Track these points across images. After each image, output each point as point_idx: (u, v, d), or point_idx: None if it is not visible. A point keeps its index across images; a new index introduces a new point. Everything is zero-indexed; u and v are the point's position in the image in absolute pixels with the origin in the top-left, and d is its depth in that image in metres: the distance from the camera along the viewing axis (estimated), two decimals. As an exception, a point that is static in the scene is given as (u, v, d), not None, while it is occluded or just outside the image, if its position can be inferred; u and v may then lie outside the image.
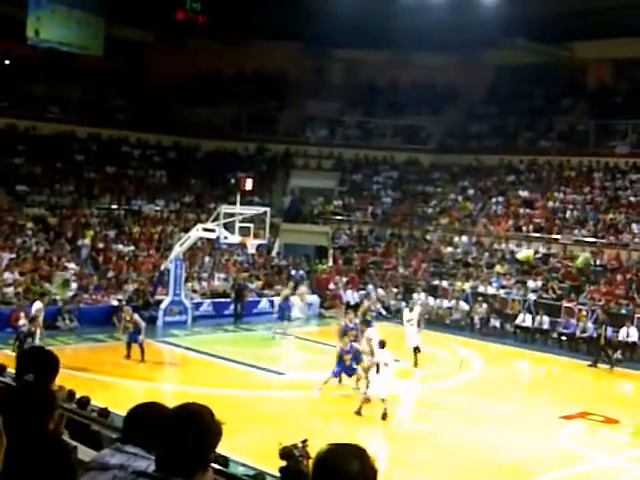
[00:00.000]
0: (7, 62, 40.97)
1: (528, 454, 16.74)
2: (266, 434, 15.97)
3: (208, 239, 32.50)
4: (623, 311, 29.62)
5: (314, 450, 2.93)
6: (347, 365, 20.71)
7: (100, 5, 39.93)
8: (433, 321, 32.24)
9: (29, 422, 3.72)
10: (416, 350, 24.67)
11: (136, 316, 24.31)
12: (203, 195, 41.42)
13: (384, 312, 33.58)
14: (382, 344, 19.43)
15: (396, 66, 44.40)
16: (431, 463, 16.28)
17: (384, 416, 18.70)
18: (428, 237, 39.12)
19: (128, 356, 23.71)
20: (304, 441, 9.69)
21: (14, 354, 19.36)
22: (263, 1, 39.64)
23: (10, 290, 28.53)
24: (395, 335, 24.76)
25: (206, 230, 29.45)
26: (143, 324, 24.20)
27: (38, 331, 22.81)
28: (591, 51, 39.92)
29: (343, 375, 21.01)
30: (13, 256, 30.91)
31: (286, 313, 29.74)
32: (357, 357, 20.86)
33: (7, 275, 29.36)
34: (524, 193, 39.21)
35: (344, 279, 36.38)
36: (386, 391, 18.87)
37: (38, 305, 24.25)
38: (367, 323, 25.12)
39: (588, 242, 34.23)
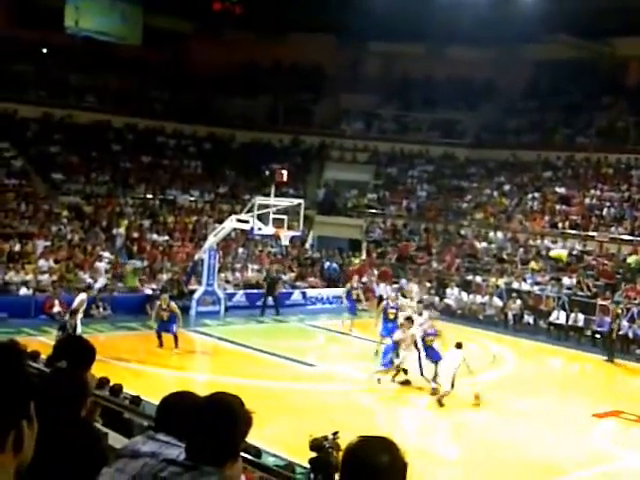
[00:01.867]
0: (44, 51, 41.30)
1: (560, 451, 16.60)
2: (296, 425, 15.98)
3: (242, 230, 32.53)
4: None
5: (345, 443, 2.90)
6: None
7: (139, -5, 40.20)
8: (466, 316, 32.14)
9: (61, 409, 3.73)
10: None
11: (173, 304, 24.36)
12: (238, 186, 41.53)
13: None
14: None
15: (432, 60, 44.22)
16: (461, 458, 16.22)
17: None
18: (462, 232, 38.94)
19: (161, 345, 23.78)
20: (335, 433, 9.70)
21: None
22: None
23: (45, 277, 28.79)
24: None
25: (240, 221, 29.48)
26: (179, 312, 24.31)
27: (76, 326, 22.48)
28: (632, 48, 39.44)
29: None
30: (48, 244, 31.18)
31: (350, 307, 29.36)
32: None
33: (42, 262, 29.62)
34: (561, 189, 38.89)
35: (376, 272, 36.31)
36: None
37: (82, 297, 23.35)
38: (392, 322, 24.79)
39: (624, 240, 33.89)
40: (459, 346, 20.10)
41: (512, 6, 35.94)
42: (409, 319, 22.40)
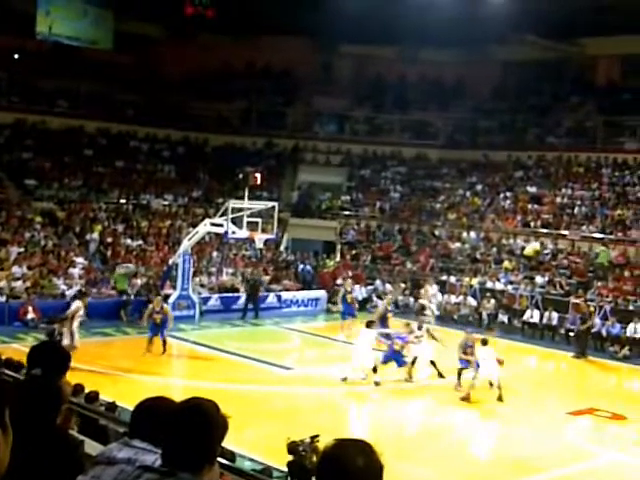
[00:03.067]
0: (16, 56, 41.05)
1: (535, 449, 16.70)
2: (273, 429, 15.98)
3: (216, 234, 32.47)
4: (631, 307, 29.59)
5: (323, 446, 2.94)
6: (396, 350, 21.17)
7: (109, 0, 40.01)
8: (441, 316, 32.24)
9: (36, 416, 3.73)
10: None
11: (166, 306, 24.20)
12: (211, 190, 41.44)
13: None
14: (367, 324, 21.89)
15: (404, 62, 44.33)
16: (438, 458, 16.27)
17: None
18: (436, 232, 39.09)
19: (149, 350, 23.59)
20: (314, 437, 9.70)
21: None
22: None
23: (18, 284, 28.57)
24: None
25: (214, 225, 29.43)
26: (172, 315, 24.17)
27: (72, 333, 21.40)
28: (600, 47, 39.78)
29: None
30: (21, 250, 30.94)
31: (349, 310, 29.09)
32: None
33: (15, 269, 29.39)
34: (532, 189, 39.15)
35: (350, 274, 36.38)
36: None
37: (78, 304, 22.37)
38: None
39: (596, 238, 34.16)
40: (485, 342, 20.68)
41: (481, 7, 36.07)
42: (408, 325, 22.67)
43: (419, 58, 43.74)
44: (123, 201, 38.02)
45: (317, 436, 9.68)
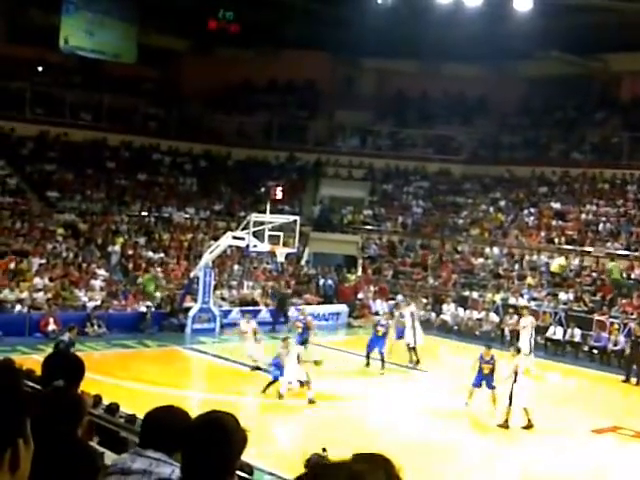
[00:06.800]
0: (40, 69, 41.40)
1: (558, 467, 16.54)
2: (293, 443, 15.91)
3: (237, 247, 32.52)
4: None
5: (335, 459, 2.85)
6: (485, 374, 20.95)
7: (133, 13, 40.32)
8: (462, 332, 32.09)
9: (58, 428, 3.70)
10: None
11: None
12: (233, 203, 41.50)
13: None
14: None
15: (426, 76, 44.38)
16: (459, 475, 16.11)
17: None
18: (459, 248, 38.93)
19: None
20: (323, 450, 9.63)
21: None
22: (294, 11, 39.81)
23: (40, 295, 28.70)
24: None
25: (236, 238, 29.47)
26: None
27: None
28: (625, 63, 39.58)
29: None
30: (43, 261, 31.12)
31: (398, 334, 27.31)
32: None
33: (37, 280, 29.55)
34: (556, 205, 38.90)
35: (372, 289, 36.34)
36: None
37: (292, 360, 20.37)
38: None
39: (621, 255, 33.88)
40: (518, 351, 20.74)
41: (505, 23, 36.02)
42: None
43: (442, 73, 43.75)
44: (145, 214, 38.14)
45: (325, 449, 9.62)
